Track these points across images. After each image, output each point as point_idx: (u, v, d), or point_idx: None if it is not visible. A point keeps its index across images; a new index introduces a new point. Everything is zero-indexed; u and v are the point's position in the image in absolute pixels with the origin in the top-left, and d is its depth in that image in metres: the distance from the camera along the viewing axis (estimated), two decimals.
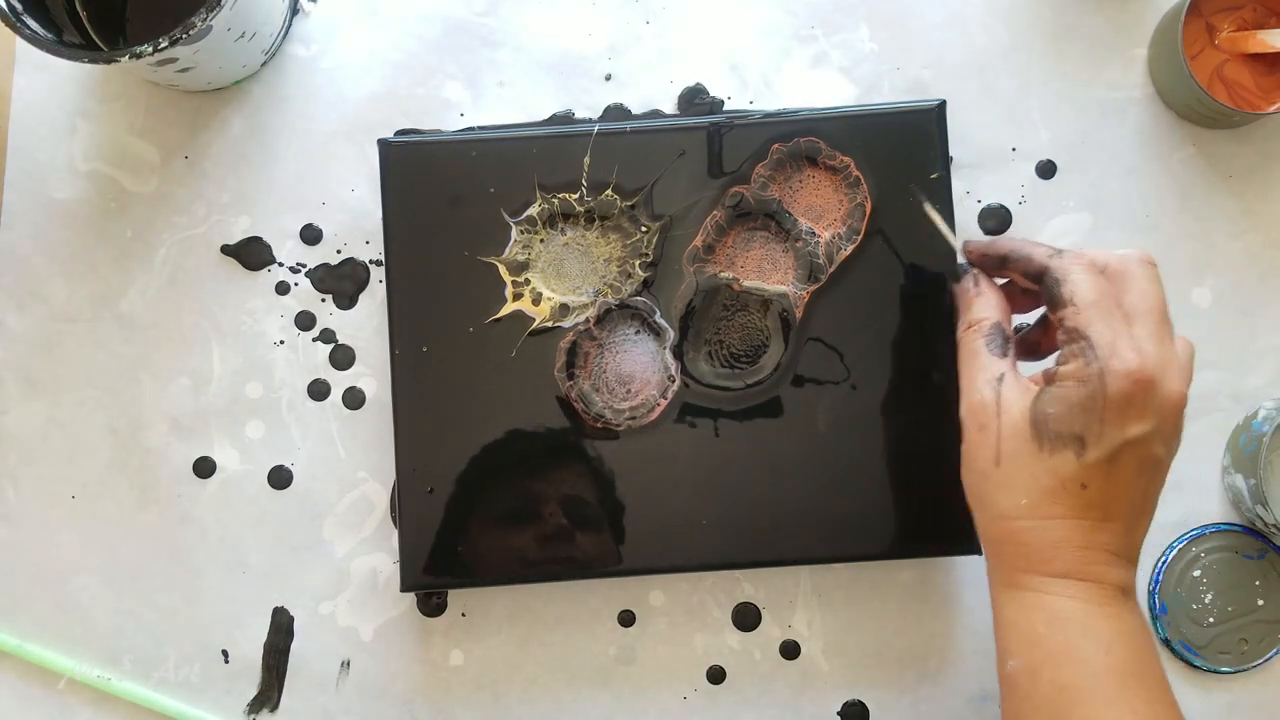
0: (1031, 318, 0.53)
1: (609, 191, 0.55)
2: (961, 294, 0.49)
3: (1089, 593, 0.44)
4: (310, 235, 0.59)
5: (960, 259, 0.50)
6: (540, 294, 0.55)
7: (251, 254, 0.59)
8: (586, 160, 0.55)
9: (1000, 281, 0.50)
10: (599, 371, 0.55)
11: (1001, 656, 0.45)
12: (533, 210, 0.55)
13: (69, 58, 0.51)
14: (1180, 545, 0.57)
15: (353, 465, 0.58)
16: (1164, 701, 0.43)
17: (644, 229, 0.55)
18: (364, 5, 0.60)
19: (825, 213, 0.56)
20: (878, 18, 0.59)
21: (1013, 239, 0.48)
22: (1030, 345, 0.51)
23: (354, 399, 0.58)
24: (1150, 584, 0.57)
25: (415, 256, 0.55)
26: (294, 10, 0.60)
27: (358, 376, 0.58)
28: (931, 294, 0.55)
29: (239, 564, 0.58)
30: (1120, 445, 0.43)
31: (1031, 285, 0.47)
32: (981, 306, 0.48)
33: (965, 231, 0.58)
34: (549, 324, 0.55)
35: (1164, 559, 0.57)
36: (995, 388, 0.45)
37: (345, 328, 0.59)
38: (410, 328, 0.55)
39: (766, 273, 0.56)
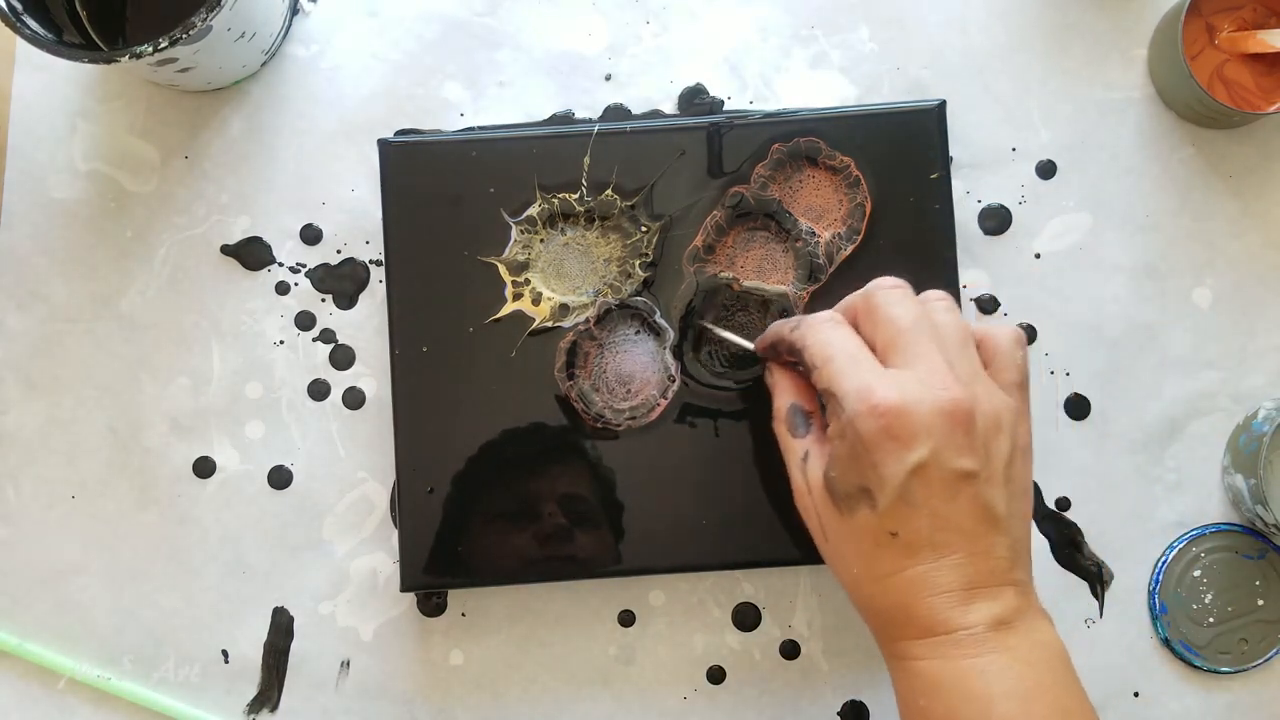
0: None
1: (609, 191, 0.55)
2: (769, 389, 0.50)
3: (958, 646, 0.41)
4: (310, 235, 0.59)
5: (760, 360, 0.52)
6: (540, 294, 0.55)
7: (251, 254, 0.59)
8: (586, 160, 0.55)
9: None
10: (599, 371, 0.55)
11: None
12: (533, 210, 0.55)
13: (69, 58, 0.51)
14: (1180, 545, 0.57)
15: (353, 465, 0.58)
16: None
17: (644, 229, 0.55)
18: (364, 5, 0.60)
19: (825, 213, 0.56)
20: (877, 18, 0.59)
21: (775, 326, 0.49)
22: None
23: (354, 399, 0.58)
24: (1150, 584, 0.57)
25: (415, 256, 0.55)
26: (294, 10, 0.60)
27: (358, 376, 0.58)
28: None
29: (239, 564, 0.58)
30: (903, 479, 0.41)
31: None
32: (778, 394, 0.49)
33: (965, 230, 0.58)
34: (549, 324, 0.55)
35: (1164, 559, 0.57)
36: (802, 469, 0.46)
37: (345, 328, 0.59)
38: (410, 328, 0.55)
39: (766, 273, 0.56)
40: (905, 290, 0.45)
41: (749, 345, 0.52)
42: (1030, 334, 0.58)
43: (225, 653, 0.58)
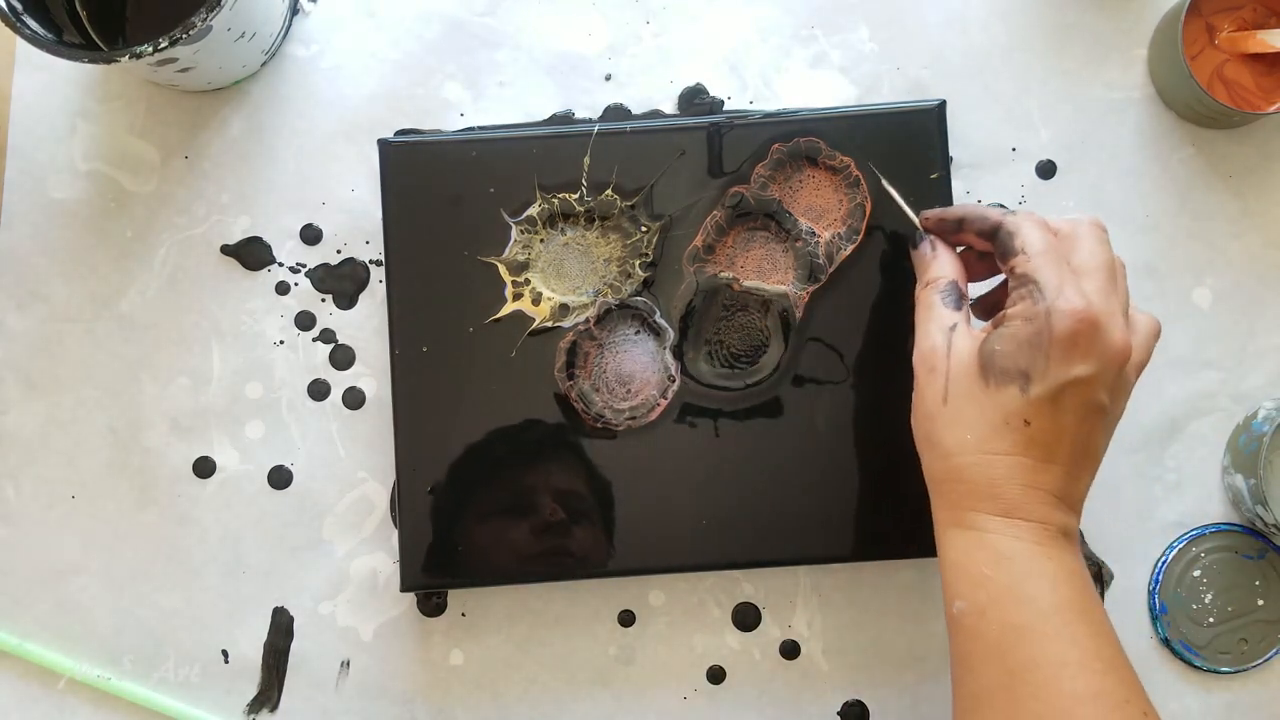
0: (988, 287, 0.54)
1: (609, 191, 0.55)
2: (919, 259, 0.50)
3: (1032, 533, 0.44)
4: (310, 235, 0.59)
5: (919, 229, 0.51)
6: (540, 294, 0.55)
7: (251, 254, 0.59)
8: (586, 160, 0.55)
9: (958, 250, 0.51)
10: (599, 371, 0.55)
11: (948, 599, 0.46)
12: (533, 210, 0.55)
13: (69, 58, 0.51)
14: (1180, 545, 0.57)
15: (353, 465, 0.58)
16: (1104, 636, 0.44)
17: (644, 229, 0.55)
18: (364, 5, 0.60)
19: (825, 213, 0.56)
20: (877, 18, 0.59)
21: (967, 204, 0.50)
22: (990, 306, 0.52)
23: (354, 399, 0.58)
24: (1150, 584, 0.57)
25: (415, 256, 0.55)
26: (294, 10, 0.60)
27: (358, 376, 0.58)
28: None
29: (239, 564, 0.58)
30: (1064, 384, 0.44)
31: (986, 245, 0.49)
32: (938, 267, 0.49)
33: None
34: (549, 324, 0.55)
35: (1164, 559, 0.57)
36: (947, 335, 0.47)
37: (345, 328, 0.59)
38: (410, 328, 0.55)
39: (766, 273, 0.56)
40: (1107, 234, 0.47)
41: (914, 216, 0.52)
42: None
43: (225, 653, 0.58)
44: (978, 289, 0.52)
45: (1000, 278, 0.52)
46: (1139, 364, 0.47)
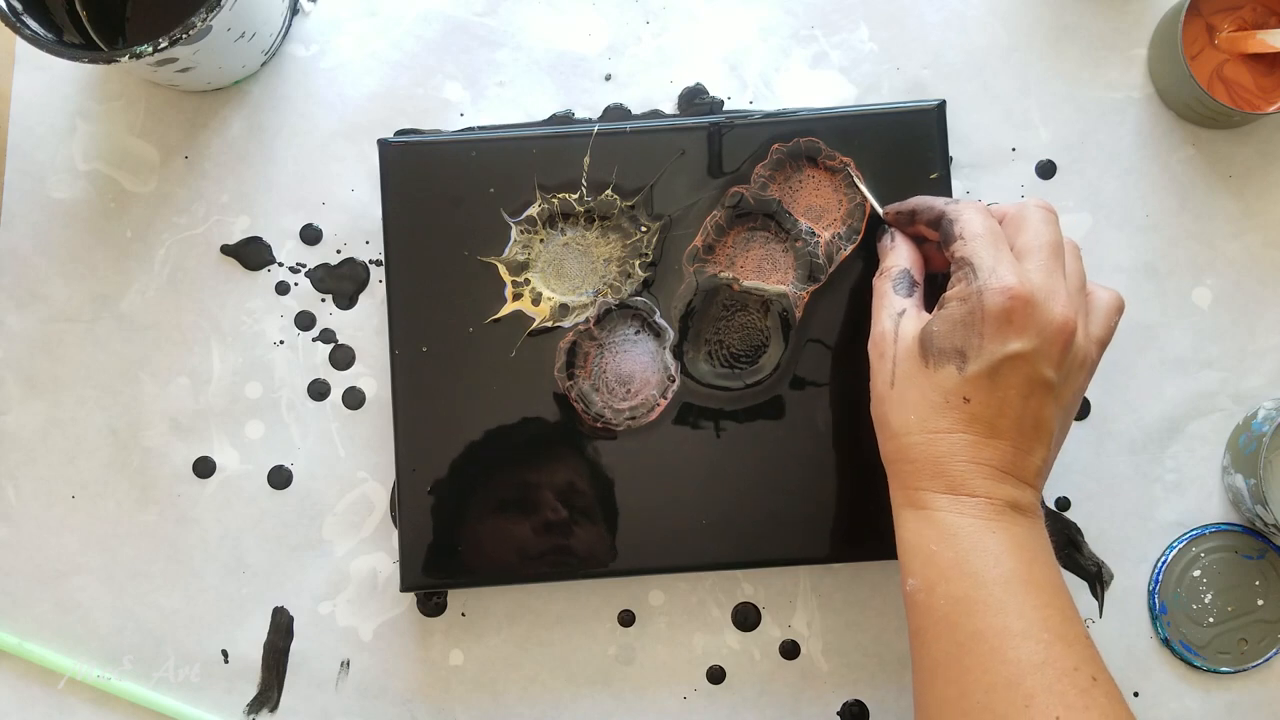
0: None
1: (609, 191, 0.55)
2: (880, 250, 0.53)
3: (977, 508, 0.45)
4: (310, 235, 0.59)
5: (882, 220, 0.54)
6: (540, 294, 0.55)
7: (251, 254, 0.59)
8: (586, 160, 0.55)
9: (922, 243, 0.53)
10: (599, 371, 0.55)
11: (903, 577, 0.47)
12: (533, 210, 0.55)
13: (69, 58, 0.51)
14: (1180, 545, 0.57)
15: (353, 465, 0.58)
16: (1054, 606, 0.44)
17: (644, 229, 0.55)
18: (364, 5, 0.60)
19: (825, 213, 0.56)
20: (877, 18, 0.59)
21: (920, 197, 0.52)
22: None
23: (354, 399, 0.58)
24: (1150, 584, 0.57)
25: (415, 256, 0.55)
26: (294, 10, 0.60)
27: (358, 376, 0.58)
28: (931, 293, 0.55)
29: (239, 564, 0.58)
30: (1000, 359, 0.45)
31: (934, 234, 0.50)
32: (894, 257, 0.51)
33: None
34: (549, 324, 0.55)
35: (1164, 559, 0.57)
36: (895, 320, 0.49)
37: (345, 328, 0.59)
38: (410, 328, 0.55)
39: (766, 273, 0.56)
40: (1055, 215, 0.49)
41: (879, 208, 0.54)
42: None
43: (225, 653, 0.58)
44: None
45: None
46: (1099, 340, 0.49)
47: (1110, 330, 0.49)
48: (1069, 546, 0.57)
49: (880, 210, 0.54)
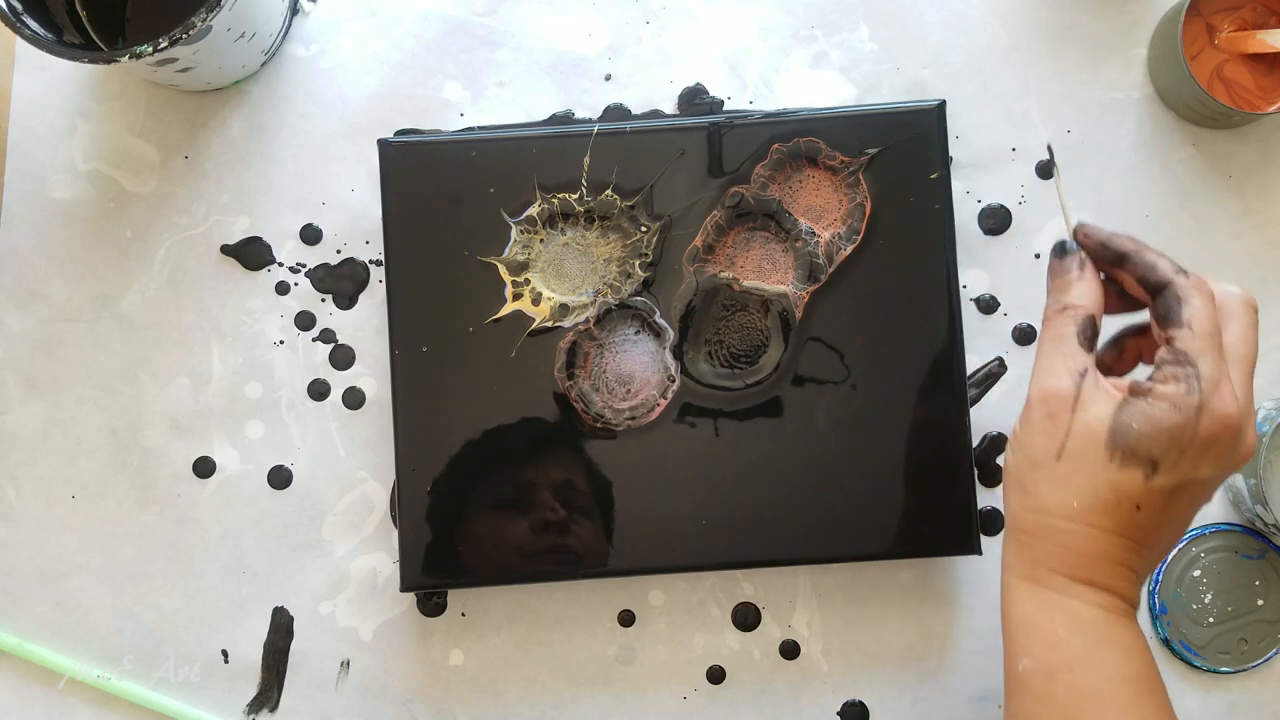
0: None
1: (609, 191, 0.55)
2: (1061, 272, 0.46)
3: (1109, 602, 0.43)
4: (310, 235, 0.59)
5: (1069, 238, 0.47)
6: (540, 294, 0.55)
7: (251, 254, 0.59)
8: (586, 160, 0.55)
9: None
10: (599, 371, 0.55)
11: (1013, 654, 0.44)
12: (533, 210, 0.55)
13: (69, 58, 0.51)
14: (1180, 545, 0.57)
15: (353, 465, 0.58)
16: (1168, 712, 0.43)
17: (644, 229, 0.55)
18: (364, 5, 0.60)
19: (825, 213, 0.56)
20: (877, 17, 0.59)
21: (1135, 240, 0.45)
22: (1112, 354, 0.49)
23: (354, 399, 0.58)
24: (1150, 584, 0.57)
25: (415, 256, 0.55)
26: (294, 10, 0.60)
27: (358, 376, 0.58)
28: (931, 292, 0.55)
29: (239, 564, 0.58)
30: (1187, 481, 0.42)
31: (1141, 293, 0.45)
32: (1082, 293, 0.45)
33: (965, 231, 0.58)
34: (549, 324, 0.55)
35: (1164, 559, 0.57)
36: (1076, 381, 0.43)
37: (345, 328, 0.59)
38: (410, 328, 0.55)
39: (766, 273, 0.56)
40: (1257, 315, 0.45)
41: (1071, 220, 0.47)
42: (1030, 334, 0.58)
43: (225, 653, 0.58)
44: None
45: (1130, 320, 0.48)
46: None
47: None
48: None
49: (1073, 225, 0.47)
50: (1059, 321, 0.45)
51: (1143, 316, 0.47)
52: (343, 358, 0.59)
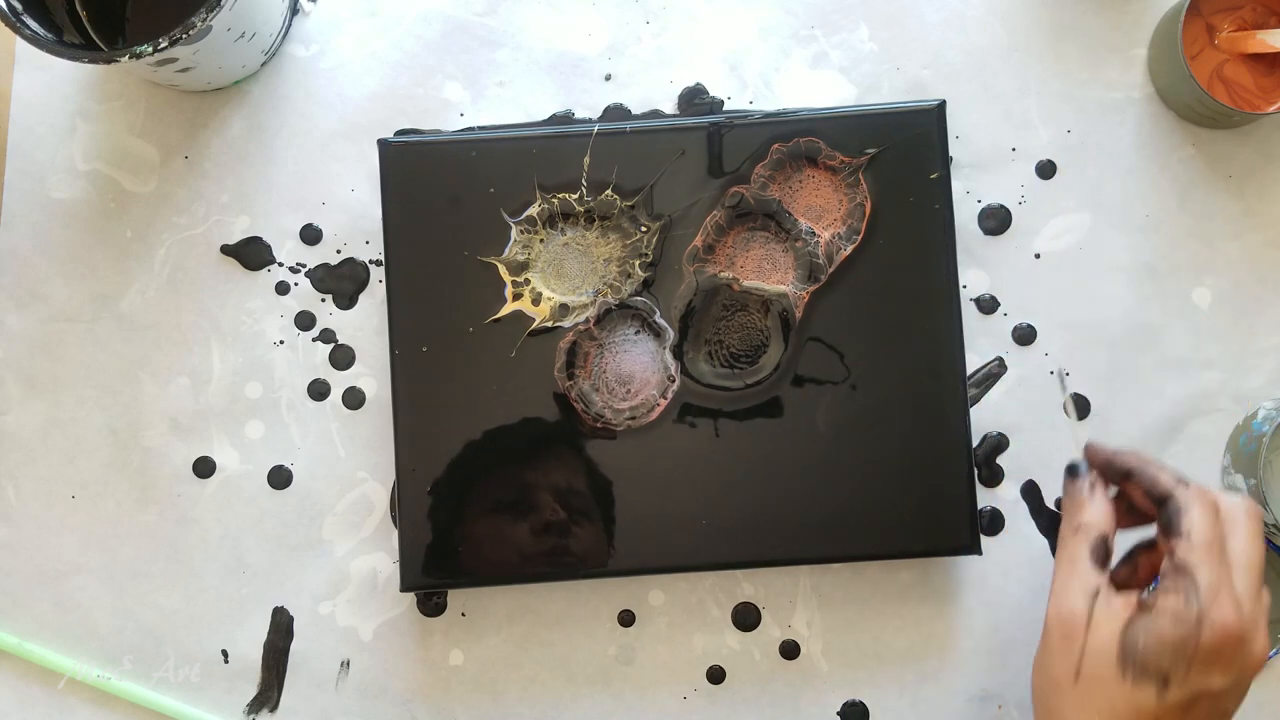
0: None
1: (609, 191, 0.55)
2: (1074, 494, 0.48)
3: None
4: (310, 235, 0.59)
5: (1078, 455, 0.49)
6: (540, 294, 0.55)
7: (251, 254, 0.59)
8: (586, 160, 0.55)
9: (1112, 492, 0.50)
10: (599, 371, 0.55)
11: None
12: (533, 210, 0.55)
13: (69, 58, 0.51)
14: None
15: (353, 465, 0.58)
16: None
17: (644, 229, 0.55)
18: (364, 5, 0.60)
19: (825, 213, 0.56)
20: (877, 18, 0.59)
21: (1139, 455, 0.48)
22: (1126, 570, 0.50)
23: (354, 399, 0.58)
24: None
25: (415, 256, 0.55)
26: (294, 10, 0.60)
27: (358, 376, 0.58)
28: (931, 293, 0.55)
29: (239, 564, 0.58)
30: (1200, 693, 0.43)
31: (1149, 505, 0.47)
32: (1092, 513, 0.47)
33: (965, 231, 0.58)
34: (549, 324, 0.55)
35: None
36: (1089, 602, 0.45)
37: (345, 328, 0.59)
38: (410, 328, 0.55)
39: (766, 273, 0.56)
40: (1262, 524, 0.46)
41: (1082, 436, 0.49)
42: (1030, 334, 0.58)
43: (225, 653, 0.58)
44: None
45: (1142, 533, 0.50)
46: None
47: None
48: None
49: (1082, 441, 0.50)
50: (1073, 543, 0.46)
51: (1154, 530, 0.48)
52: (343, 358, 0.59)
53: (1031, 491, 0.57)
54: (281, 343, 0.58)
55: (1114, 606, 0.45)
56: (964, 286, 0.58)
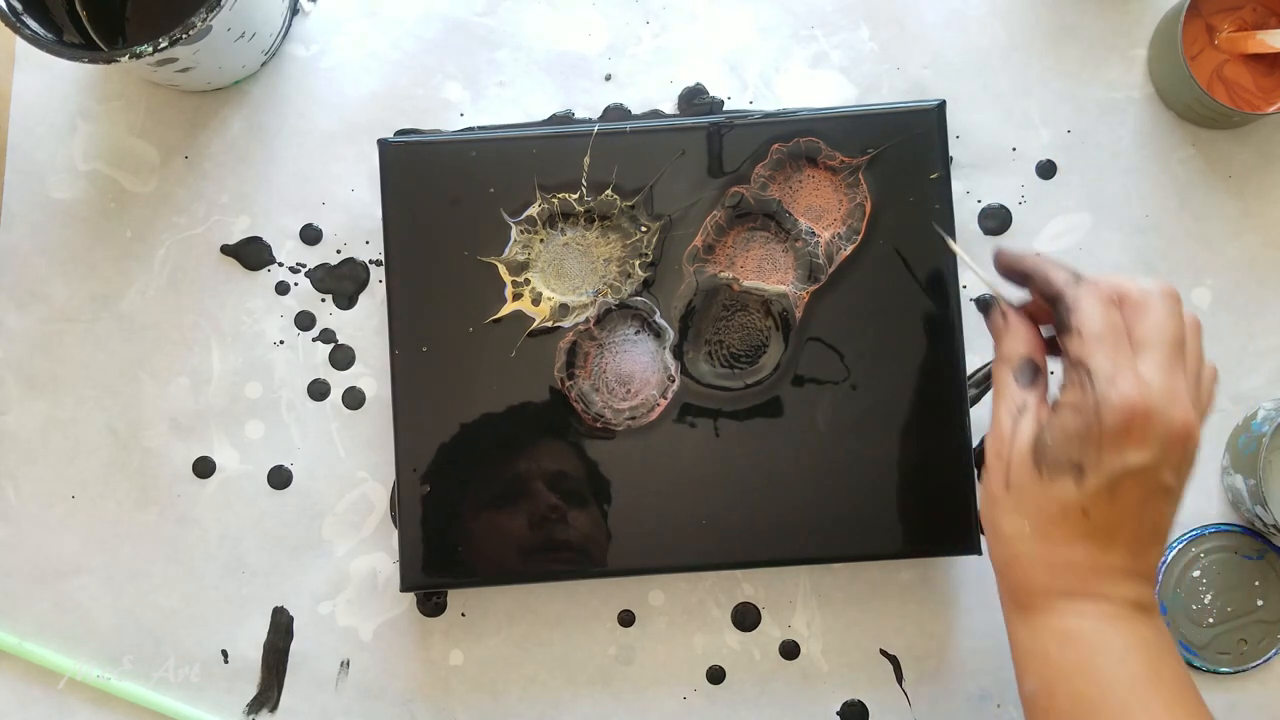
0: None
1: (609, 191, 0.55)
2: (992, 329, 0.49)
3: (1098, 610, 0.44)
4: (310, 235, 0.59)
5: (988, 293, 0.50)
6: (540, 294, 0.55)
7: (251, 254, 0.59)
8: (586, 160, 0.55)
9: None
10: (599, 371, 0.55)
11: (1020, 679, 0.46)
12: (533, 210, 0.55)
13: (69, 58, 0.51)
14: (1180, 546, 0.57)
15: (353, 465, 0.58)
16: (1184, 704, 0.43)
17: (644, 229, 0.55)
18: (364, 5, 0.60)
19: (825, 213, 0.56)
20: (878, 17, 0.59)
21: (1039, 257, 0.47)
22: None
23: (354, 399, 0.58)
24: None
25: (415, 256, 0.55)
26: (294, 10, 0.60)
27: (358, 376, 0.58)
28: (931, 293, 0.55)
29: (239, 564, 0.58)
30: (1120, 474, 0.43)
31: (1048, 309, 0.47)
32: (1010, 342, 0.47)
33: (965, 231, 0.58)
34: (549, 324, 0.55)
35: (1163, 559, 0.57)
36: (1014, 417, 0.46)
37: (345, 328, 0.59)
38: (410, 328, 0.55)
39: (766, 273, 0.56)
40: (1179, 303, 0.46)
41: (983, 275, 0.49)
42: None
43: (225, 653, 0.58)
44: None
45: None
46: (1203, 414, 0.46)
47: (1211, 402, 0.47)
48: None
49: (980, 274, 0.49)
50: (999, 372, 0.47)
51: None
52: (343, 358, 0.59)
53: None
54: (281, 343, 0.58)
55: (1029, 417, 0.46)
56: (964, 287, 0.58)
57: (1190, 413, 0.44)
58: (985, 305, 0.49)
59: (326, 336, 0.59)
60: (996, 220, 0.58)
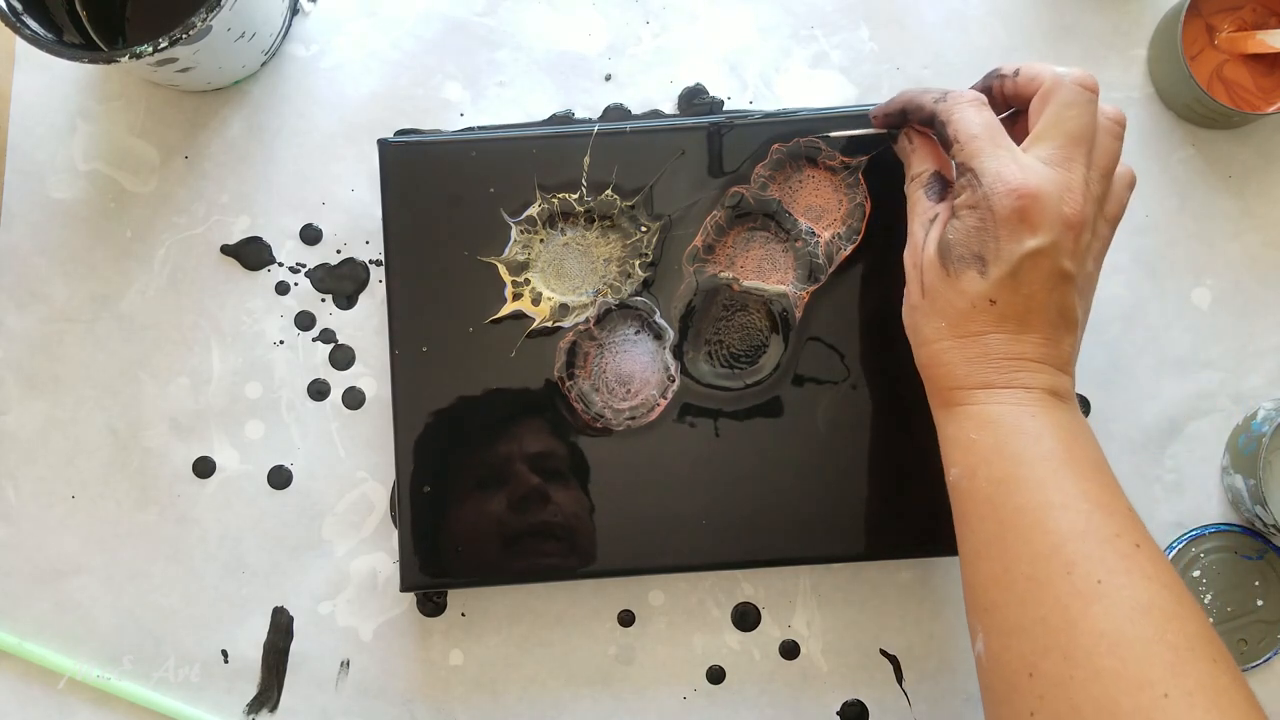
0: None
1: (609, 191, 0.55)
2: (901, 154, 0.52)
3: (1014, 397, 0.46)
4: (310, 235, 0.59)
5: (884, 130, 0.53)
6: (540, 294, 0.55)
7: (251, 254, 0.59)
8: (586, 160, 0.55)
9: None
10: (599, 371, 0.55)
11: (946, 471, 0.48)
12: (533, 210, 0.55)
13: (69, 58, 0.51)
14: (1180, 545, 0.57)
15: (353, 465, 0.58)
16: (1094, 479, 0.44)
17: (644, 229, 0.55)
18: (364, 5, 0.60)
19: (825, 213, 0.56)
20: (877, 17, 0.59)
21: (906, 92, 0.50)
22: None
23: (354, 399, 0.58)
24: None
25: (415, 256, 0.55)
26: (294, 10, 0.60)
27: (358, 376, 0.58)
28: None
29: (239, 564, 0.58)
30: (1019, 259, 0.45)
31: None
32: (918, 161, 0.50)
33: None
34: (549, 324, 0.55)
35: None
36: (926, 228, 0.49)
37: (345, 328, 0.59)
38: (410, 328, 0.55)
39: (766, 273, 0.56)
40: (1092, 97, 0.47)
41: (857, 131, 0.53)
42: None
43: (225, 653, 0.58)
44: None
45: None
46: (1111, 218, 0.48)
47: (1122, 207, 0.49)
48: None
49: (866, 128, 0.53)
50: (910, 191, 0.50)
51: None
52: (343, 358, 0.59)
53: None
54: (281, 343, 0.59)
55: (941, 223, 0.48)
56: None
57: (1081, 204, 0.46)
58: (888, 136, 0.52)
59: (326, 336, 0.59)
60: None
